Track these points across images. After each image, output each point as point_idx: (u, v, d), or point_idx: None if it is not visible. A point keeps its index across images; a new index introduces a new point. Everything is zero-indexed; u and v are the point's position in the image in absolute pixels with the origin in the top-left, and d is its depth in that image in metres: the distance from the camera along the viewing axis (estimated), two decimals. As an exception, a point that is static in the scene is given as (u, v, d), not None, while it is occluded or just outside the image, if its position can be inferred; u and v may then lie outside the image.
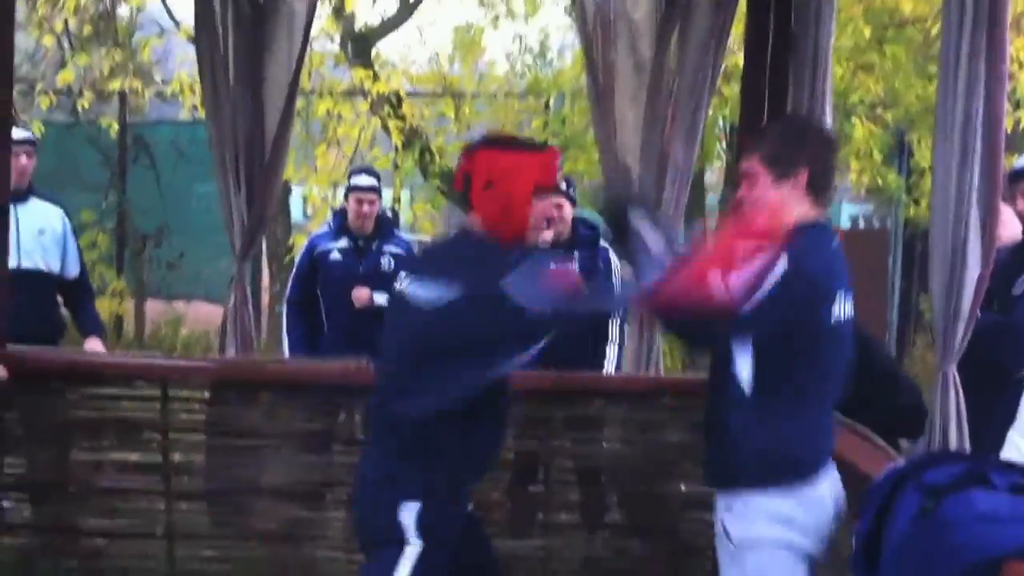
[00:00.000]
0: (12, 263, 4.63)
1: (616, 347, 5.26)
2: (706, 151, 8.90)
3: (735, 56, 6.97)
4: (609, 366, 5.20)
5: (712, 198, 10.19)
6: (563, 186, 5.43)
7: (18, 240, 4.89)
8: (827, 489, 2.81)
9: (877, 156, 8.87)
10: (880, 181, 9.18)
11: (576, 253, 5.38)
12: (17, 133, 5.02)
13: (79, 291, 5.21)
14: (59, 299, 5.22)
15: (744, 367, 2.73)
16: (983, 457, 2.57)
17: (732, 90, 7.88)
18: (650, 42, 4.36)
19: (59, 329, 5.28)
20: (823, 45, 4.16)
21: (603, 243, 5.52)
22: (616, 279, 5.33)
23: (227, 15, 4.39)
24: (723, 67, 7.89)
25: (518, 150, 2.95)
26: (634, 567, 4.43)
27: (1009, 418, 3.58)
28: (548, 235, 5.21)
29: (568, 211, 5.37)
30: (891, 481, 2.43)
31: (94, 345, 4.85)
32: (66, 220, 5.21)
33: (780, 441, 2.73)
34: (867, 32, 8.22)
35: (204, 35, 4.40)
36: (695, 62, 4.28)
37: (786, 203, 2.75)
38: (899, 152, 10.13)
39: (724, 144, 8.94)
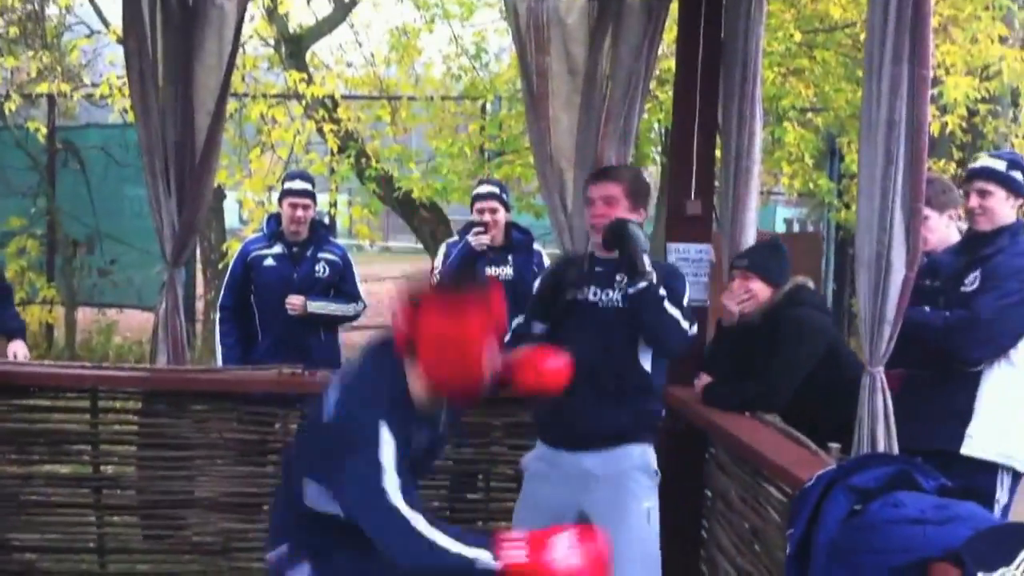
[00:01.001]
0: None
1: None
2: (641, 155, 8.96)
3: (669, 61, 7.02)
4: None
5: (648, 201, 10.23)
6: (496, 191, 5.45)
7: None
8: None
9: (808, 160, 8.99)
10: (812, 185, 9.32)
11: (510, 257, 5.41)
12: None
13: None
14: None
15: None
16: (910, 459, 2.61)
17: (667, 94, 7.94)
18: (583, 46, 4.37)
19: None
20: (753, 50, 4.22)
21: (536, 247, 5.54)
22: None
23: (156, 16, 4.32)
24: (657, 72, 8.00)
25: (462, 303, 2.63)
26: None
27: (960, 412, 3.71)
28: (485, 239, 5.23)
29: (502, 216, 5.39)
30: (821, 485, 2.46)
31: (17, 348, 4.71)
32: None
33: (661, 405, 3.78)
34: (797, 37, 8.33)
35: (132, 37, 4.32)
36: (627, 67, 4.30)
37: None
38: (830, 156, 10.30)
39: (659, 148, 9.01)
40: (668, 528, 4.30)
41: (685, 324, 3.49)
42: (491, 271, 5.26)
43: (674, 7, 4.54)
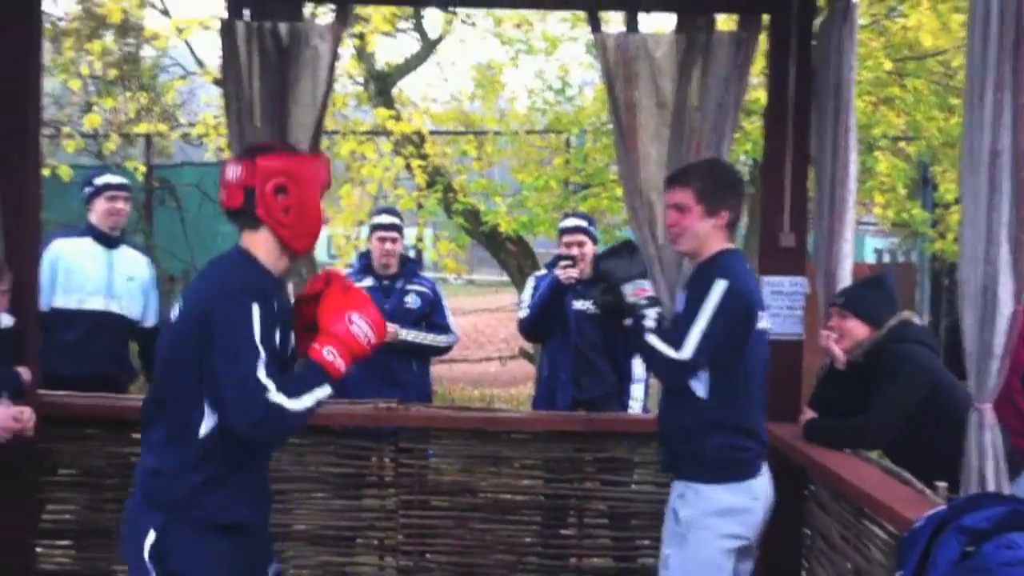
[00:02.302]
0: (99, 305, 5.05)
1: (643, 385, 5.25)
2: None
3: (756, 91, 6.97)
4: (636, 405, 5.19)
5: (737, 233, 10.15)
6: (583, 224, 5.45)
7: (110, 283, 5.03)
8: (764, 484, 3.44)
9: (901, 190, 8.83)
10: (906, 215, 9.13)
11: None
12: (114, 179, 5.21)
13: (154, 341, 5.23)
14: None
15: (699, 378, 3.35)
16: (1023, 499, 2.53)
17: (753, 125, 7.89)
18: (671, 80, 4.36)
19: (131, 375, 5.34)
20: (845, 78, 4.16)
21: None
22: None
23: (252, 57, 4.41)
24: (744, 103, 7.95)
25: (297, 155, 3.02)
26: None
27: None
28: (573, 272, 5.22)
29: (589, 249, 5.38)
30: (931, 526, 2.39)
31: None
32: (152, 270, 5.34)
33: (730, 439, 3.35)
34: (887, 65, 8.21)
35: (230, 78, 4.43)
36: (716, 98, 4.28)
37: (709, 234, 3.39)
38: (923, 185, 10.10)
39: (747, 179, 8.93)
40: (765, 567, 4.24)
41: (670, 351, 3.26)
42: (579, 305, 5.25)
43: (762, 37, 4.52)
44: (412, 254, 9.77)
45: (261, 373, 2.65)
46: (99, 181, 5.25)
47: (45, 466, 4.43)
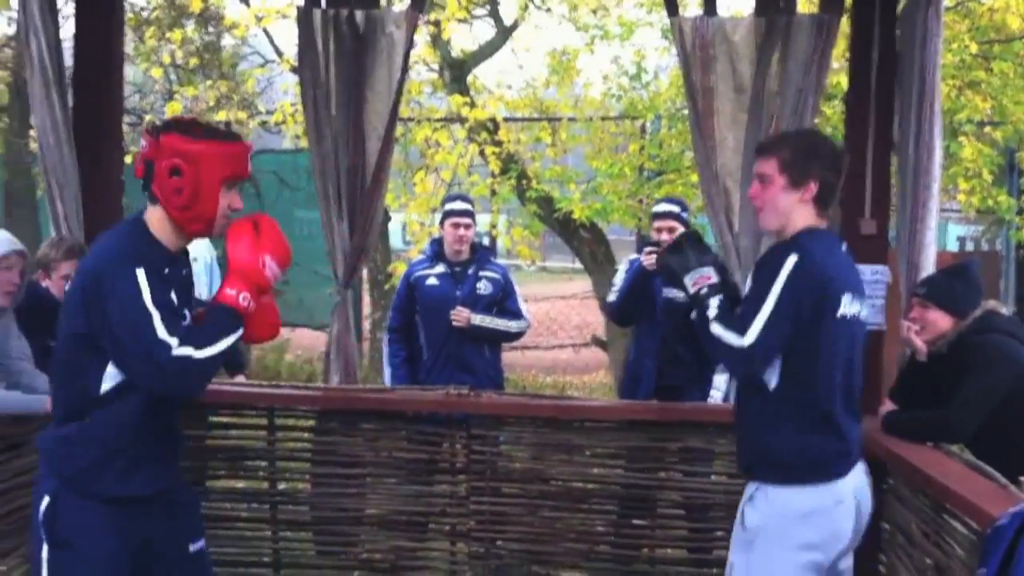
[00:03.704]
0: None
1: (727, 375, 5.18)
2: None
3: (836, 75, 6.83)
4: (717, 395, 5.12)
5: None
6: (675, 209, 5.39)
7: None
8: (849, 487, 3.05)
9: (986, 176, 8.59)
10: (990, 202, 8.88)
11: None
12: None
13: None
14: None
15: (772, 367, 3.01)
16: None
17: (834, 110, 7.74)
18: (750, 64, 4.29)
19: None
20: (930, 62, 4.06)
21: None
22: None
23: (329, 44, 4.45)
24: (825, 87, 7.81)
25: (208, 138, 2.82)
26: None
27: None
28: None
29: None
30: (1017, 523, 2.32)
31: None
32: (213, 251, 5.36)
33: (803, 437, 3.00)
34: (973, 48, 7.99)
35: (307, 66, 4.47)
36: (796, 83, 4.20)
37: (793, 209, 3.04)
38: (1009, 172, 9.82)
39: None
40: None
41: (734, 339, 2.95)
42: (667, 292, 5.21)
43: (844, 19, 4.42)
44: (485, 241, 9.80)
45: (160, 332, 2.67)
46: None
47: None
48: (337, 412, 4.48)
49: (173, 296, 2.82)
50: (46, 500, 2.81)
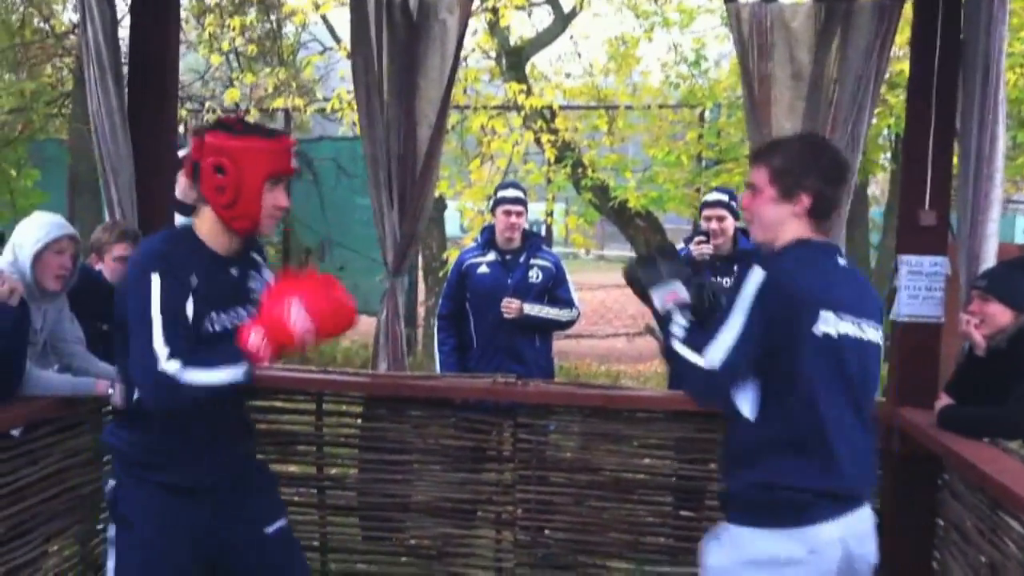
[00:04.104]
0: None
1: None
2: (869, 162, 8.59)
3: (899, 63, 6.68)
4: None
5: (876, 211, 9.83)
6: (724, 198, 5.33)
7: None
8: (833, 535, 2.60)
9: (1055, 166, 8.37)
10: (1060, 193, 8.65)
11: (736, 267, 5.27)
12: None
13: None
14: None
15: (746, 392, 2.65)
16: None
17: (897, 99, 7.58)
18: (808, 51, 4.21)
19: None
20: (995, 49, 3.93)
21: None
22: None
23: (382, 32, 4.44)
24: (887, 75, 7.64)
25: (248, 136, 2.80)
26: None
27: None
28: (707, 248, 5.12)
29: (729, 224, 5.26)
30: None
31: None
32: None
33: (776, 474, 2.60)
34: (1043, 36, 7.77)
35: (360, 53, 4.47)
36: (856, 70, 4.11)
37: (784, 222, 2.74)
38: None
39: (888, 155, 8.60)
40: (896, 557, 4.09)
41: (697, 359, 2.61)
42: (720, 280, 5.15)
43: (907, 6, 4.31)
44: (540, 229, 9.76)
45: (156, 341, 2.65)
46: (182, 153, 5.33)
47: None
48: (385, 399, 4.48)
49: (190, 305, 2.76)
50: (111, 482, 2.94)
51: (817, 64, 4.19)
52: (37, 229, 3.73)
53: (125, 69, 4.46)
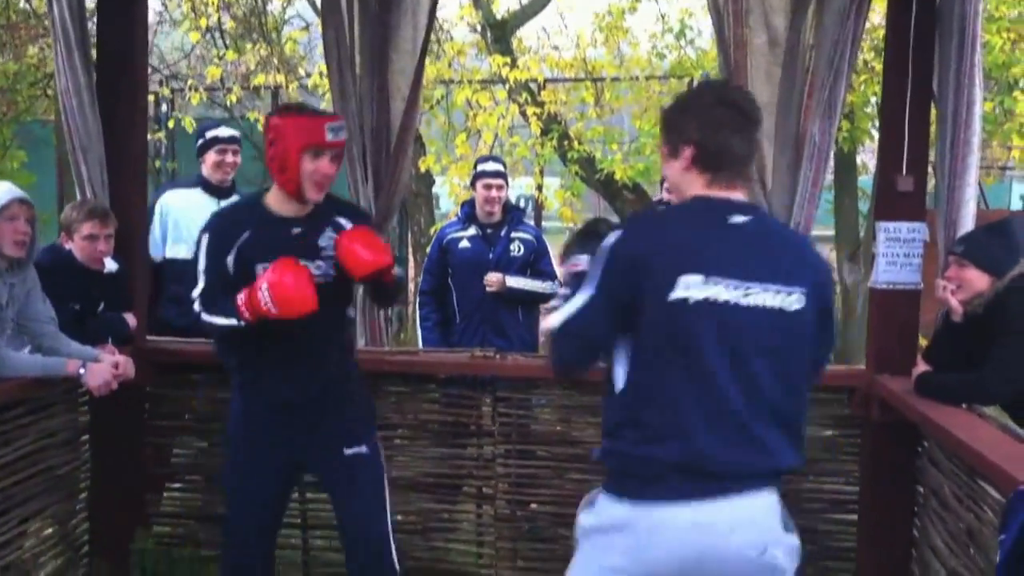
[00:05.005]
0: None
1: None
2: (858, 130, 8.54)
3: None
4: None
5: (865, 180, 9.77)
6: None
7: None
8: (684, 519, 2.36)
9: (1044, 131, 8.31)
10: (1050, 158, 8.61)
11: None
12: (224, 131, 5.27)
13: None
14: None
15: (617, 363, 2.48)
16: None
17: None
18: (784, 16, 4.15)
19: None
20: (971, 13, 3.87)
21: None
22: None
23: (353, 4, 4.38)
24: (875, 42, 7.58)
25: (291, 114, 3.40)
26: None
27: None
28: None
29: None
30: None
31: None
32: None
33: (629, 444, 2.43)
34: (1031, -1, 7.71)
35: (331, 26, 4.40)
36: (833, 35, 4.04)
37: (680, 181, 2.55)
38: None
39: (876, 123, 8.54)
40: (877, 524, 4.08)
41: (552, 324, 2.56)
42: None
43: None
44: (528, 204, 9.71)
45: (195, 293, 3.41)
46: (209, 134, 5.29)
47: (153, 411, 4.54)
48: (364, 375, 4.45)
49: (231, 258, 3.39)
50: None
51: (793, 30, 4.13)
52: None
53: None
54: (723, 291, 2.37)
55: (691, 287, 2.35)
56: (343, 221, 3.49)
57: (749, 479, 2.38)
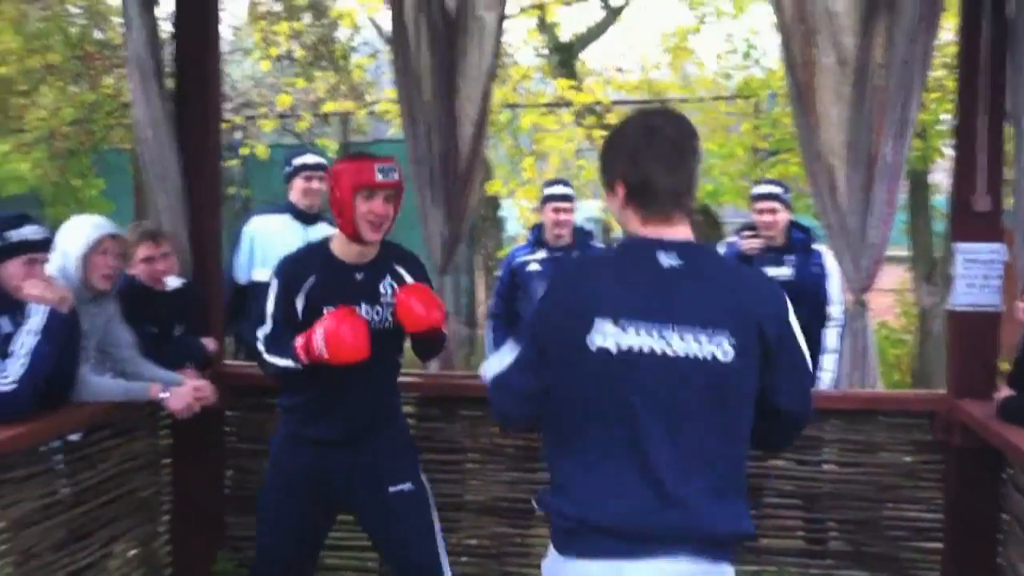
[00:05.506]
0: None
1: (835, 357, 5.03)
2: (930, 149, 8.42)
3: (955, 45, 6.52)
4: (826, 377, 4.98)
5: (940, 200, 9.62)
6: (776, 190, 5.25)
7: None
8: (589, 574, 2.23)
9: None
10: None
11: (790, 257, 5.21)
12: (311, 159, 5.38)
13: None
14: None
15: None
16: None
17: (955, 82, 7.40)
18: (853, 35, 4.11)
19: None
20: (1046, 27, 3.81)
21: (816, 246, 5.28)
22: (830, 283, 5.10)
23: (421, 32, 4.44)
24: (947, 59, 7.46)
25: (346, 160, 3.53)
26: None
27: None
28: (756, 243, 5.05)
29: (782, 216, 5.20)
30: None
31: None
32: None
33: (554, 496, 2.31)
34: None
35: (399, 53, 4.47)
36: (904, 53, 4.00)
37: (622, 218, 2.37)
38: None
39: (949, 141, 8.41)
40: (959, 552, 4.00)
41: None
42: (768, 271, 5.09)
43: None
44: (598, 227, 9.70)
45: (260, 333, 3.51)
46: (296, 161, 5.41)
47: (232, 434, 4.61)
48: (437, 399, 4.48)
49: (300, 301, 3.47)
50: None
51: (862, 49, 4.09)
52: (80, 233, 3.81)
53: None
54: (638, 338, 2.20)
55: (607, 336, 2.20)
56: (401, 270, 3.61)
57: (673, 542, 2.19)
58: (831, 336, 5.03)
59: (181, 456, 4.42)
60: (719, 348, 2.20)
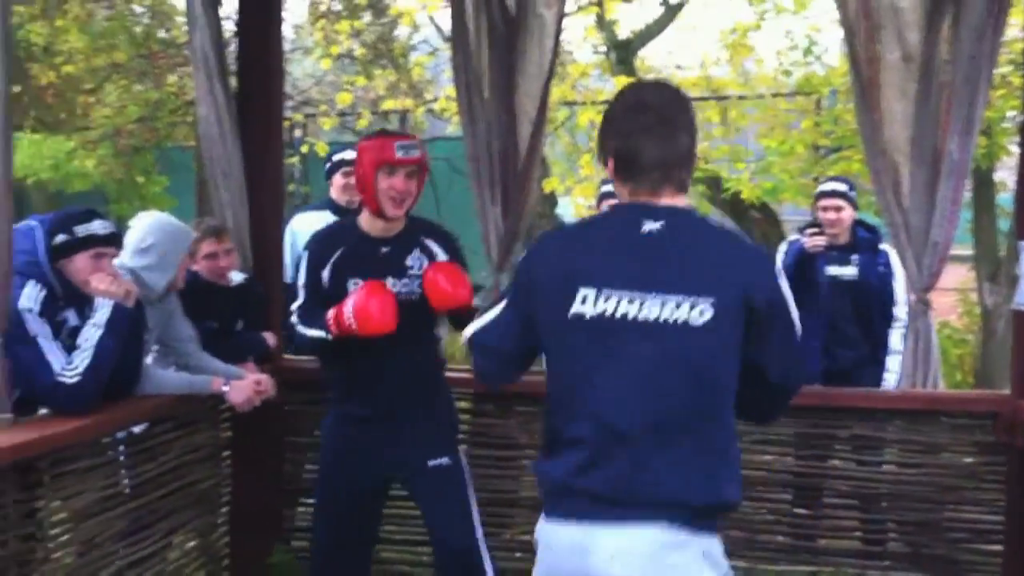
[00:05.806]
0: None
1: (899, 358, 4.96)
2: (995, 146, 8.26)
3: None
4: (891, 378, 4.92)
5: (1005, 197, 9.43)
6: (841, 188, 5.20)
7: None
8: (570, 539, 2.24)
9: None
10: None
11: (854, 257, 5.15)
12: (350, 155, 5.41)
13: None
14: None
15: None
16: None
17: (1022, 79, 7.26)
18: (918, 31, 4.05)
19: None
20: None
21: (883, 246, 5.21)
22: (896, 284, 5.03)
23: (481, 30, 4.46)
24: (1012, 55, 7.32)
25: (368, 138, 3.68)
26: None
27: None
28: (820, 240, 5.02)
29: (847, 215, 5.15)
30: None
31: None
32: None
33: (539, 459, 2.41)
34: None
35: (459, 51, 4.49)
36: (970, 50, 3.94)
37: (618, 192, 2.40)
38: None
39: (1016, 139, 8.24)
40: (1020, 557, 3.93)
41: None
42: (832, 271, 5.06)
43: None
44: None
45: (294, 306, 3.66)
46: (336, 157, 5.43)
47: (290, 428, 4.66)
48: (491, 394, 4.49)
49: (326, 273, 3.60)
50: None
51: (927, 44, 4.03)
52: (181, 238, 3.92)
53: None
54: (617, 304, 2.21)
55: (586, 302, 2.22)
56: (432, 244, 3.71)
57: (645, 508, 2.18)
58: (896, 337, 4.96)
59: (240, 449, 4.47)
60: (699, 313, 2.17)
